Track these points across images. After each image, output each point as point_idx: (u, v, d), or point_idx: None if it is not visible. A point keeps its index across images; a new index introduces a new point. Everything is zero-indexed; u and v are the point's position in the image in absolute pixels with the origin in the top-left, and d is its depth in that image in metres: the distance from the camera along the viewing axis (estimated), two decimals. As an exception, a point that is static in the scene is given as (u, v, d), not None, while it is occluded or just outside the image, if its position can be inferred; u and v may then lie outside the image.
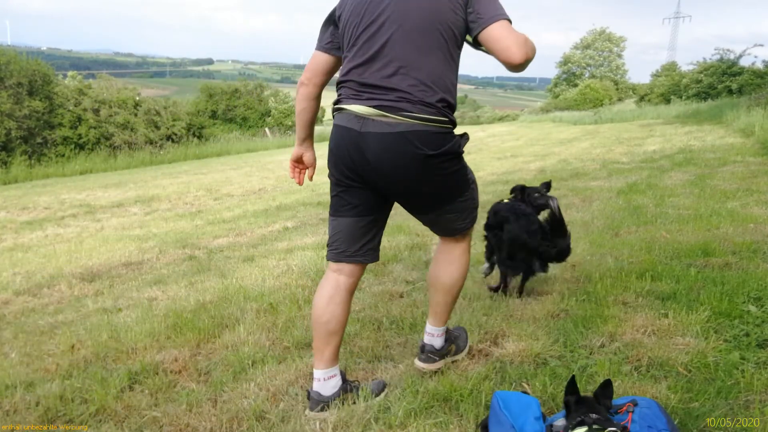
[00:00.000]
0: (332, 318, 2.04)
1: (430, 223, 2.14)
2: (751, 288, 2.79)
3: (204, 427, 2.02)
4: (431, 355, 2.23)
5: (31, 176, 17.71)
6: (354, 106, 1.87)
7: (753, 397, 1.92)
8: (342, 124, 1.91)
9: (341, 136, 1.91)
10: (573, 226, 4.69)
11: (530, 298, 3.05)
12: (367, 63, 1.87)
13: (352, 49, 1.92)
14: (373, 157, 1.85)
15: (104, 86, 25.34)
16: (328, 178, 2.04)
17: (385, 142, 1.83)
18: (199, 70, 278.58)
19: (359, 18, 1.89)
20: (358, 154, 1.87)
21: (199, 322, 3.02)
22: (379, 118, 1.83)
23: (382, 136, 1.83)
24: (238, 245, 5.37)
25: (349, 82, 1.92)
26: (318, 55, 2.05)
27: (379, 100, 1.84)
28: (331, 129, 2.02)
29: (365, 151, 1.85)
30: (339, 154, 1.93)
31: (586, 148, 12.17)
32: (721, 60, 27.44)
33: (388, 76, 1.84)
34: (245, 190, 10.14)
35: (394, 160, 1.84)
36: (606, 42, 51.47)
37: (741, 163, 7.57)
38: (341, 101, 1.94)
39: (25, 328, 3.38)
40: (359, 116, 1.86)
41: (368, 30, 1.87)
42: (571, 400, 1.61)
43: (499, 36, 1.78)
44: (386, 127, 1.82)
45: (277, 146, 25.11)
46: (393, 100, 1.82)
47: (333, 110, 1.99)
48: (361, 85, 1.88)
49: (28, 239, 6.94)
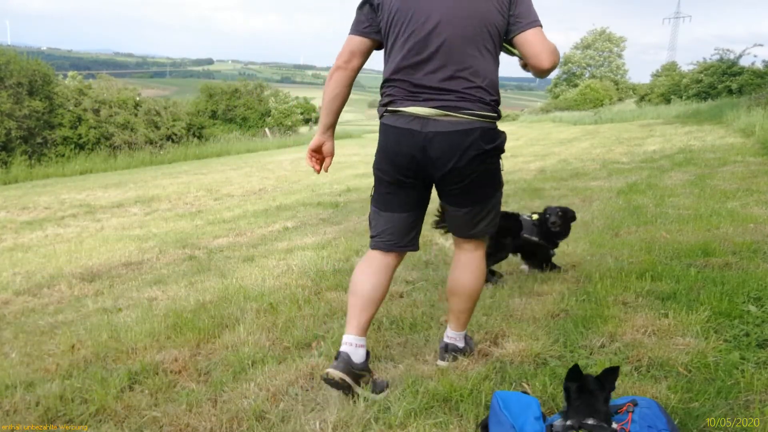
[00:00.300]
0: (378, 287, 2.13)
1: (464, 221, 2.16)
2: (751, 288, 2.79)
3: (204, 427, 2.02)
4: (455, 354, 2.31)
5: (31, 176, 17.71)
6: (412, 108, 1.94)
7: (753, 397, 1.92)
8: (400, 126, 1.97)
9: (400, 137, 1.97)
10: (573, 225, 4.69)
11: (530, 298, 3.05)
12: (420, 64, 1.93)
13: (402, 47, 1.95)
14: (436, 155, 1.94)
15: (104, 86, 25.31)
16: (375, 174, 2.11)
17: (450, 140, 1.93)
18: (199, 70, 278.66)
19: (408, 15, 1.92)
20: (421, 153, 1.95)
21: (199, 322, 3.02)
22: (442, 118, 1.92)
23: (447, 134, 1.92)
24: (238, 245, 5.37)
25: (401, 82, 1.97)
26: (355, 39, 2.03)
27: (439, 101, 1.92)
28: (380, 128, 2.07)
29: (429, 149, 1.94)
30: (398, 154, 1.99)
31: (586, 148, 12.17)
32: (721, 60, 27.44)
33: (445, 78, 1.92)
34: (245, 191, 10.14)
35: (458, 156, 1.94)
36: (606, 42, 51.48)
37: (741, 163, 7.57)
38: (395, 102, 1.98)
39: (25, 328, 3.38)
40: (420, 117, 1.93)
41: (421, 30, 1.91)
42: (571, 387, 1.59)
43: (534, 41, 1.92)
44: (450, 125, 1.92)
45: (277, 146, 25.12)
46: (452, 100, 1.92)
47: (383, 111, 2.03)
48: (415, 86, 1.95)
49: (28, 239, 6.94)
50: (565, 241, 4.12)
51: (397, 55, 1.97)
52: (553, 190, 6.75)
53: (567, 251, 3.87)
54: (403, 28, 1.93)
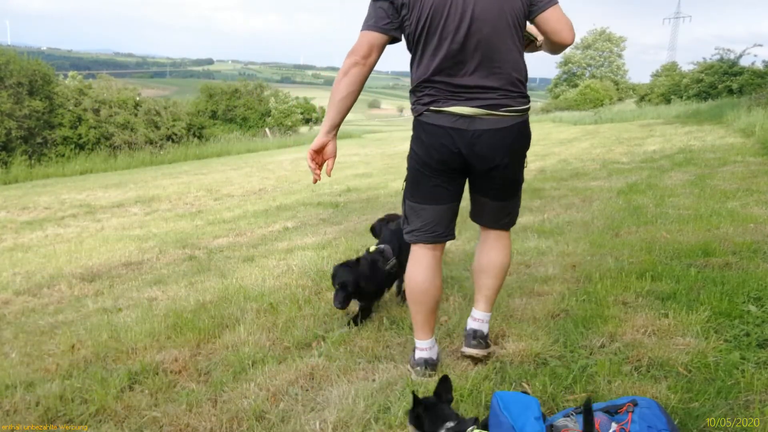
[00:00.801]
0: (438, 288, 2.25)
1: (497, 211, 2.25)
2: (751, 288, 2.79)
3: (204, 427, 2.02)
4: (482, 341, 2.30)
5: (32, 176, 17.70)
6: (455, 108, 1.99)
7: (753, 397, 1.92)
8: (446, 125, 2.01)
9: (447, 135, 2.02)
10: (573, 226, 4.69)
11: (530, 298, 3.05)
12: (459, 64, 1.97)
13: (439, 48, 1.96)
14: (483, 152, 2.03)
15: (104, 86, 25.30)
16: (415, 170, 2.14)
17: (496, 137, 2.02)
18: (199, 71, 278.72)
19: (443, 15, 1.94)
20: (468, 150, 2.02)
21: (199, 322, 3.02)
22: (487, 117, 1.99)
23: (494, 132, 2.01)
24: (238, 245, 5.37)
25: (441, 83, 2.00)
26: (373, 35, 1.99)
27: (481, 100, 1.99)
28: (418, 126, 2.10)
29: (476, 147, 2.02)
30: (444, 151, 2.04)
31: (586, 148, 12.17)
32: (721, 60, 27.44)
33: (485, 76, 1.98)
34: (245, 191, 10.14)
35: (503, 152, 2.05)
36: (606, 42, 51.49)
37: (741, 163, 7.57)
38: (437, 102, 2.01)
39: (25, 328, 3.38)
40: (465, 116, 1.99)
41: (458, 30, 1.94)
42: (420, 411, 1.68)
43: (557, 18, 1.98)
44: (495, 123, 2.01)
45: (277, 146, 25.12)
46: (495, 98, 1.99)
47: (423, 110, 2.05)
48: (456, 86, 1.99)
49: (28, 239, 6.94)
50: (566, 241, 4.13)
51: (434, 55, 1.98)
52: (553, 190, 6.74)
53: (567, 251, 3.88)
54: (439, 29, 1.95)
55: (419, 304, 2.23)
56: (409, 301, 2.27)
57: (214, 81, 42.93)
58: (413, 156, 2.16)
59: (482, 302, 2.33)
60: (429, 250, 2.23)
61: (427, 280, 2.21)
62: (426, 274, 2.22)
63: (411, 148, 2.17)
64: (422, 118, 2.07)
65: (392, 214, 3.46)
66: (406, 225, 2.26)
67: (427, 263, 2.23)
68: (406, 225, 2.26)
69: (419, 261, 2.24)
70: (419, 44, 2.01)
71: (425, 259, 2.23)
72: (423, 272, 2.22)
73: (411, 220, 2.23)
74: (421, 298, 2.22)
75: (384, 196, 7.65)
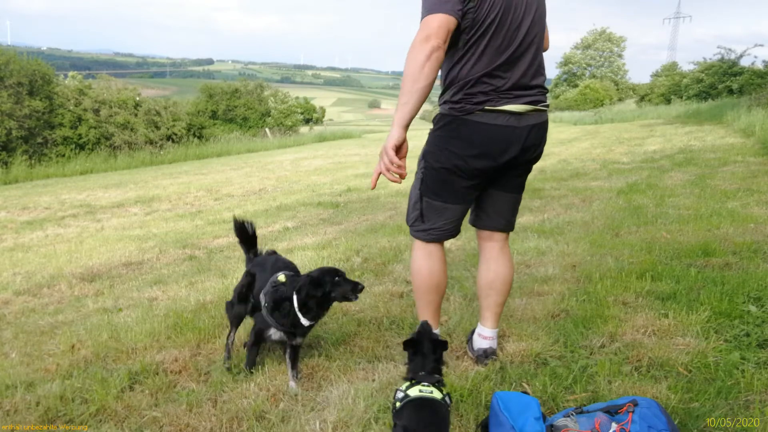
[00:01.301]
0: (446, 282, 2.34)
1: (512, 206, 2.32)
2: (752, 288, 2.79)
3: (204, 427, 2.02)
4: (493, 356, 2.34)
5: (32, 176, 17.70)
6: (509, 106, 2.04)
7: (753, 397, 1.92)
8: (500, 123, 2.05)
9: (501, 133, 2.06)
10: (573, 225, 4.69)
11: (531, 298, 3.05)
12: (514, 63, 2.02)
13: (500, 47, 1.98)
14: (531, 144, 2.12)
15: (104, 86, 25.31)
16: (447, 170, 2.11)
17: (540, 130, 2.14)
18: (199, 71, 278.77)
19: (508, 14, 1.96)
20: (519, 144, 2.09)
21: (199, 322, 3.02)
22: (532, 113, 2.09)
23: (538, 126, 2.13)
24: (239, 245, 5.36)
25: (498, 80, 2.01)
26: (449, 19, 1.88)
27: (528, 97, 2.07)
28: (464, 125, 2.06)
29: (524, 140, 2.09)
30: (495, 149, 2.07)
31: (587, 148, 12.16)
32: (721, 60, 27.43)
33: (533, 76, 2.08)
34: (245, 191, 10.14)
35: (541, 143, 2.19)
36: (606, 42, 51.43)
37: (741, 163, 7.57)
38: (491, 101, 2.02)
39: (25, 328, 3.38)
40: (516, 114, 2.05)
41: (517, 31, 1.99)
42: (409, 349, 1.81)
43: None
44: (537, 117, 2.12)
45: (277, 146, 25.11)
46: (536, 95, 2.10)
47: (475, 109, 2.02)
48: (511, 85, 2.03)
49: (29, 239, 6.94)
50: (566, 241, 4.13)
51: (499, 53, 1.98)
52: (553, 190, 6.74)
53: (567, 251, 3.88)
54: (505, 26, 1.97)
55: (434, 295, 2.27)
56: (423, 294, 2.29)
57: (214, 81, 42.94)
58: (446, 155, 2.10)
59: (491, 320, 2.35)
60: (441, 246, 2.30)
61: (443, 273, 2.29)
62: (442, 268, 2.28)
63: (442, 147, 2.10)
64: (473, 117, 2.03)
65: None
66: (420, 223, 2.22)
67: (440, 257, 2.28)
68: (420, 223, 2.22)
69: (435, 255, 2.27)
70: (483, 39, 1.96)
71: (439, 252, 2.28)
72: (440, 266, 2.27)
73: (429, 218, 2.20)
74: (435, 291, 2.27)
75: (384, 196, 7.65)
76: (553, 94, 49.80)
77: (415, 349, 1.80)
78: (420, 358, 1.78)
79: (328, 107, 25.92)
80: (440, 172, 2.13)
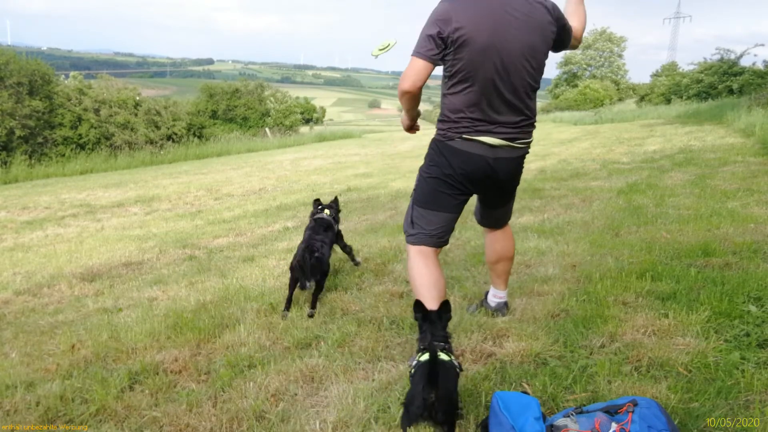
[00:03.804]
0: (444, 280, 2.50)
1: (502, 215, 2.69)
2: (752, 288, 2.79)
3: (204, 427, 2.02)
4: (506, 308, 2.84)
5: (32, 176, 17.69)
6: (485, 138, 2.27)
7: (753, 397, 1.92)
8: (473, 152, 2.30)
9: (473, 160, 2.31)
10: (573, 225, 4.69)
11: (530, 298, 3.05)
12: (493, 103, 2.23)
13: (482, 85, 2.19)
14: (499, 174, 2.38)
15: (104, 86, 25.28)
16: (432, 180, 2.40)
17: (510, 164, 2.39)
18: (200, 70, 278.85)
19: (487, 56, 2.15)
20: (489, 171, 2.35)
21: (199, 322, 3.02)
22: (506, 147, 2.31)
23: (509, 160, 2.37)
24: (239, 245, 5.37)
25: (479, 113, 2.25)
26: (425, 65, 2.18)
27: (505, 134, 2.29)
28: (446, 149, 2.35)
29: (496, 170, 2.35)
30: (473, 173, 2.35)
31: (587, 148, 12.16)
32: (721, 60, 27.41)
33: (512, 113, 2.27)
34: (245, 190, 10.14)
35: (514, 174, 2.46)
36: (606, 42, 51.41)
37: (741, 163, 7.56)
38: (469, 132, 2.27)
39: (25, 328, 3.38)
40: (491, 146, 2.29)
41: (498, 72, 2.17)
42: (419, 319, 2.02)
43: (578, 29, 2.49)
44: (511, 152, 2.35)
45: (277, 146, 25.11)
46: (513, 132, 2.31)
47: (456, 137, 2.30)
48: (489, 120, 2.26)
49: (29, 239, 6.95)
50: (566, 241, 4.13)
51: (472, 95, 2.22)
52: (553, 190, 6.74)
53: (567, 251, 3.88)
54: (478, 76, 2.18)
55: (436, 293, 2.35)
56: (422, 296, 2.31)
57: (214, 81, 42.91)
58: (433, 170, 2.40)
59: (503, 284, 2.82)
60: (433, 251, 2.48)
61: (438, 274, 2.42)
62: (436, 270, 2.43)
63: (431, 162, 2.41)
64: (453, 144, 2.31)
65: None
66: (410, 228, 2.49)
67: (432, 259, 2.46)
68: (410, 228, 2.49)
69: (433, 263, 2.45)
70: (463, 83, 2.21)
71: (432, 255, 2.47)
72: (433, 268, 2.42)
73: (414, 225, 2.48)
74: (435, 289, 2.36)
75: (384, 196, 7.65)
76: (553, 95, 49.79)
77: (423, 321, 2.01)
78: (429, 327, 1.99)
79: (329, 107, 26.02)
80: (427, 182, 2.43)
